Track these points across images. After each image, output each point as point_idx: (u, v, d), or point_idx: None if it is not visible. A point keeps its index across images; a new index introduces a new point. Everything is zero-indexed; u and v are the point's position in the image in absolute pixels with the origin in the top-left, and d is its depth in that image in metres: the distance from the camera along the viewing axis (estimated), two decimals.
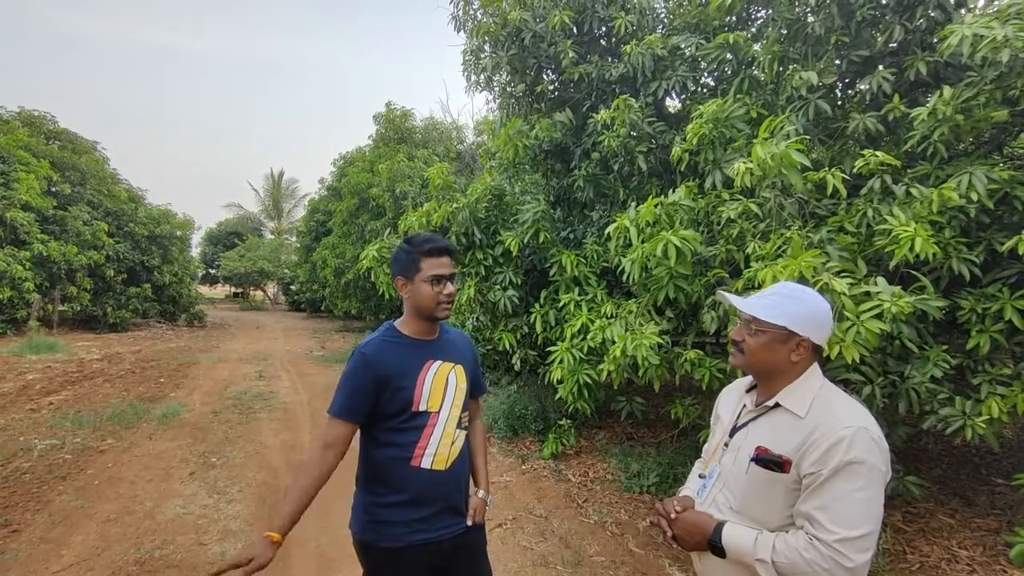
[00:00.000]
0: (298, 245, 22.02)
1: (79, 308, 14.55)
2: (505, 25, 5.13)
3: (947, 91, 2.74)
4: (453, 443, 1.69)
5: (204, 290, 31.14)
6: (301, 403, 7.35)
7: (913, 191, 2.76)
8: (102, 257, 14.69)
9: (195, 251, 26.40)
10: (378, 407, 1.63)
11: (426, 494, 1.65)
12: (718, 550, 1.28)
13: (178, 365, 10.13)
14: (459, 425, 1.71)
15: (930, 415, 2.73)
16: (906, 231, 2.51)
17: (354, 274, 12.18)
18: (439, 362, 1.70)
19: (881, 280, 2.53)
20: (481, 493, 1.84)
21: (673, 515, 1.37)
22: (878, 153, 2.80)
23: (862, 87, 3.73)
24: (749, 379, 1.46)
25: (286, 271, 27.68)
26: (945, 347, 2.74)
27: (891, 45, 3.37)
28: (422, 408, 1.63)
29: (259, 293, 35.65)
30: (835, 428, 1.18)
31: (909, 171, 3.03)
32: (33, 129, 15.93)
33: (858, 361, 2.44)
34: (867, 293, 2.50)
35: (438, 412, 1.66)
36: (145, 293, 16.48)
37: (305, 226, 19.60)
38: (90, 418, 6.02)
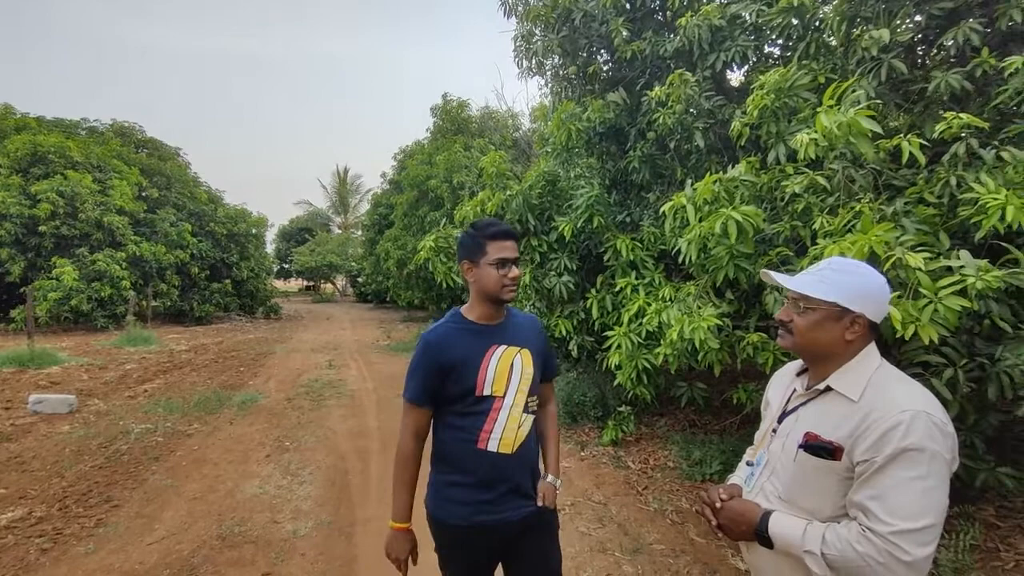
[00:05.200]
0: (363, 238, 22.81)
1: (169, 303, 15.74)
2: (555, 7, 5.05)
3: None
4: (519, 427, 1.69)
5: (279, 284, 32.86)
6: (368, 391, 7.63)
7: (1004, 155, 2.50)
8: (187, 256, 15.84)
9: (270, 247, 27.87)
10: (443, 391, 1.67)
11: (491, 477, 1.66)
12: (765, 540, 1.21)
13: (256, 355, 10.77)
14: (526, 409, 1.71)
15: None
16: (995, 199, 2.27)
17: (415, 265, 12.47)
18: (504, 347, 1.70)
19: (964, 253, 2.30)
20: (550, 478, 1.82)
21: (718, 503, 1.31)
22: (962, 115, 2.55)
23: (946, 43, 3.40)
24: (800, 362, 1.37)
25: (353, 264, 28.77)
26: None
27: None
28: (486, 392, 1.65)
29: (329, 286, 37.25)
30: (891, 412, 1.08)
31: (1000, 133, 2.74)
32: (124, 139, 17.33)
33: (937, 342, 2.25)
34: (948, 268, 2.29)
35: (503, 397, 1.66)
36: (226, 288, 17.62)
37: (369, 220, 20.24)
38: (179, 404, 6.51)
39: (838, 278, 1.20)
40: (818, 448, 1.17)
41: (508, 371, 1.68)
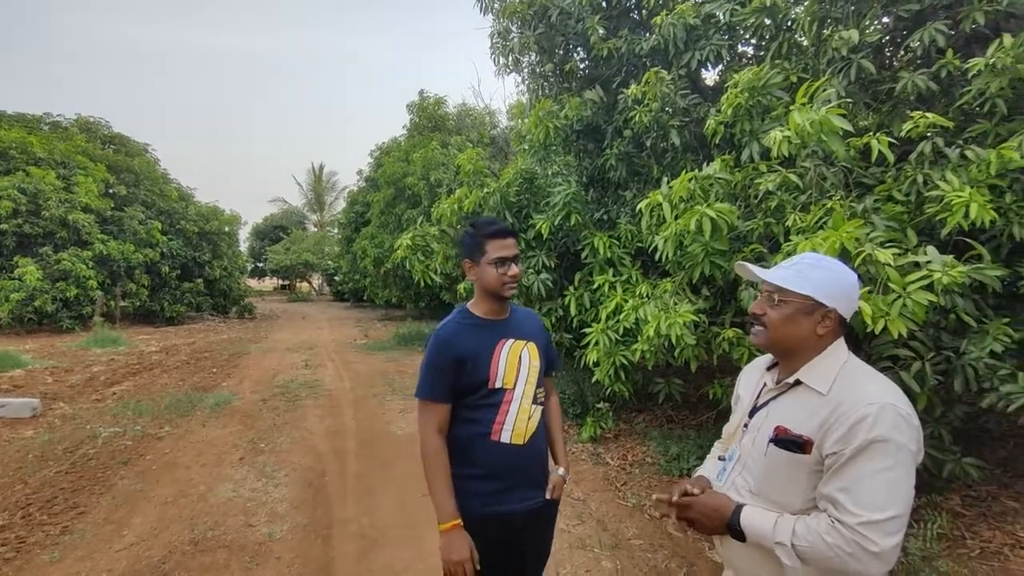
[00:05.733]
0: (339, 236, 22.48)
1: (138, 303, 15.26)
2: (531, 4, 5.04)
3: (1008, 40, 2.53)
4: (530, 418, 1.75)
5: (253, 283, 32.25)
6: (344, 391, 7.53)
7: (968, 153, 2.57)
8: (157, 254, 15.41)
9: (243, 246, 27.34)
10: (457, 385, 1.70)
11: (505, 468, 1.72)
12: (737, 533, 1.22)
13: (229, 356, 10.55)
14: (534, 400, 1.76)
15: (990, 393, 2.56)
16: (959, 197, 2.34)
17: (392, 263, 12.37)
18: (512, 340, 1.76)
19: (931, 249, 2.37)
20: (561, 471, 1.88)
21: (675, 497, 1.32)
22: (928, 114, 2.61)
23: (912, 44, 3.49)
24: (770, 356, 1.39)
25: (329, 262, 28.39)
26: (1007, 320, 2.55)
27: None
28: (498, 385, 1.70)
29: (305, 285, 36.74)
30: (858, 405, 1.10)
31: (965, 132, 2.83)
32: (90, 134, 16.78)
33: (906, 336, 2.31)
34: (916, 264, 2.35)
35: (513, 389, 1.72)
36: (198, 288, 17.21)
37: (345, 218, 19.98)
38: (149, 407, 6.34)
39: (812, 273, 1.22)
40: (788, 442, 1.19)
41: (517, 363, 1.75)
